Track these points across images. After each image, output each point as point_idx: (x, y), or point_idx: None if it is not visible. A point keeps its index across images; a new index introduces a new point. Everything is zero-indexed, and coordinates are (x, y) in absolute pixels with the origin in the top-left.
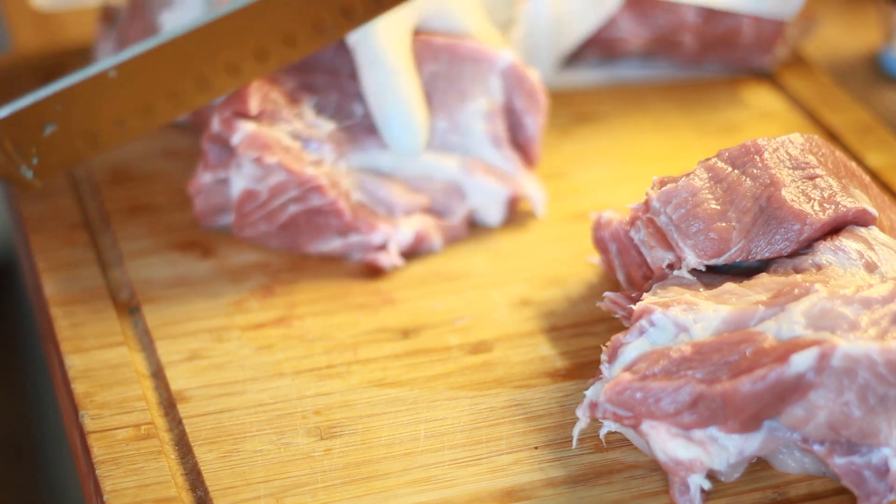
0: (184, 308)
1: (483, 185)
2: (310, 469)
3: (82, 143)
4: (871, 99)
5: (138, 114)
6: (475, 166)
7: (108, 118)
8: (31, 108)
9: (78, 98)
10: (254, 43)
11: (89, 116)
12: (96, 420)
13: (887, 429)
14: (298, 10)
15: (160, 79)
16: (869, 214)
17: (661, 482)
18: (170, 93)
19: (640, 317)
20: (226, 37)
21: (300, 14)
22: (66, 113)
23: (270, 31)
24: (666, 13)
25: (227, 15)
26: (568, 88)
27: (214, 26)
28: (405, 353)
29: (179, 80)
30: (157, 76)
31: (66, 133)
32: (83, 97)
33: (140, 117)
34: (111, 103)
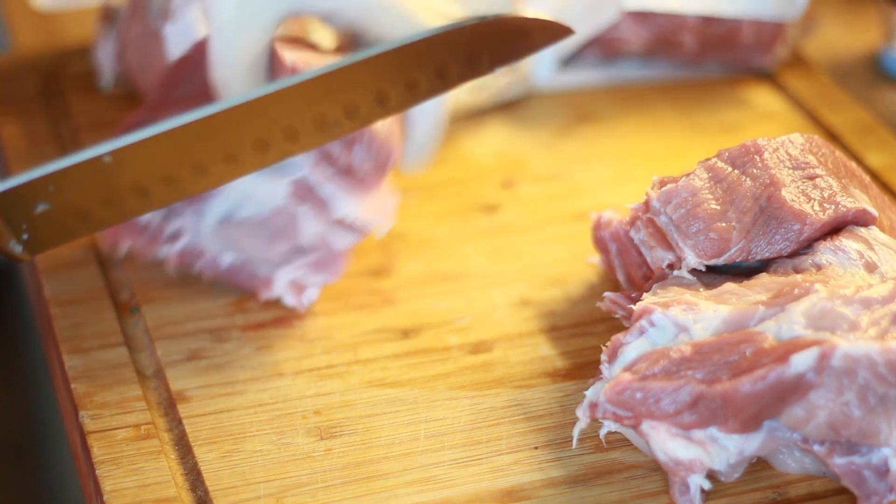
0: (184, 308)
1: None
2: (310, 469)
3: (74, 223)
4: (871, 99)
5: (133, 197)
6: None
7: (101, 200)
8: (24, 186)
9: (71, 180)
10: (254, 136)
11: (82, 198)
12: (96, 420)
13: (887, 429)
14: (301, 106)
15: (156, 165)
16: (869, 214)
17: (661, 482)
18: (165, 178)
19: (640, 317)
20: (225, 128)
21: (303, 111)
22: (58, 193)
23: (271, 125)
24: (666, 14)
25: (229, 107)
26: (568, 88)
27: (215, 118)
28: (405, 353)
29: (176, 167)
30: (152, 162)
31: (58, 212)
32: (76, 179)
33: (135, 200)
34: (105, 186)
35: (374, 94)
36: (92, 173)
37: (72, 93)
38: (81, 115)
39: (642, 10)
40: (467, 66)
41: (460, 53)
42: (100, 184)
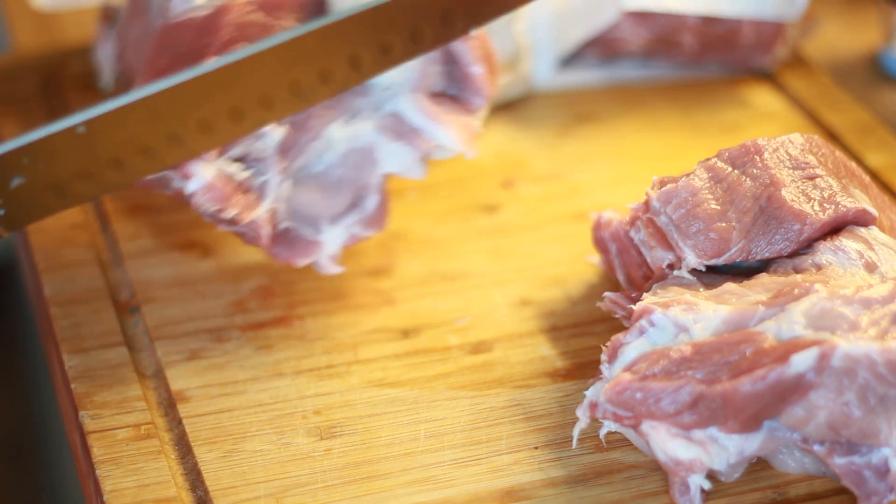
0: (184, 308)
1: (394, 148)
2: (310, 469)
3: (51, 197)
4: (871, 99)
5: (108, 168)
6: (386, 128)
7: (77, 173)
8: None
9: (45, 152)
10: (228, 103)
11: (57, 170)
12: (96, 420)
13: (887, 429)
14: (275, 73)
15: (130, 135)
16: (869, 214)
17: (661, 482)
18: (141, 149)
19: (640, 317)
20: (199, 95)
21: (277, 77)
22: (32, 166)
23: (246, 92)
24: (666, 14)
25: (201, 74)
26: (568, 88)
27: (188, 84)
28: (405, 353)
29: (151, 136)
30: (127, 132)
31: (33, 186)
32: (51, 151)
33: (110, 172)
34: (80, 158)
35: (348, 59)
36: (66, 144)
37: (72, 93)
38: None
39: (642, 10)
40: (442, 28)
41: (434, 14)
42: (75, 155)
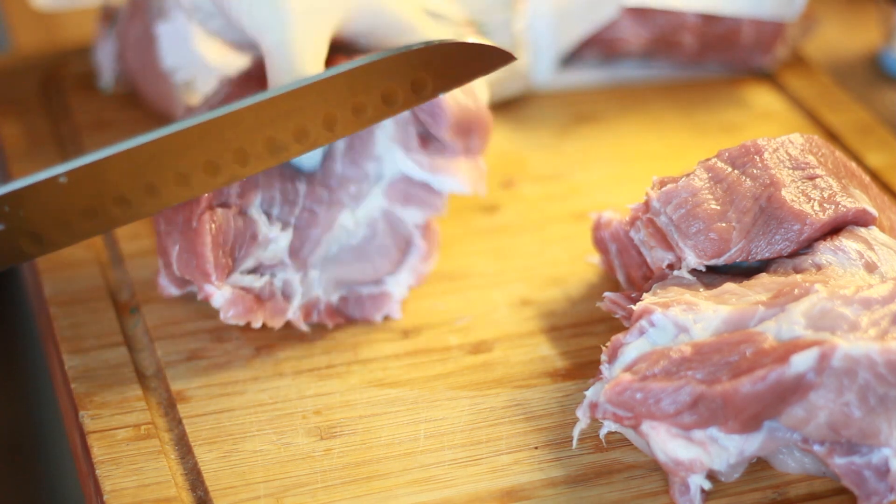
0: (184, 308)
1: (411, 210)
2: (310, 469)
3: (28, 244)
4: (871, 99)
5: (84, 219)
6: (396, 196)
7: (55, 222)
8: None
9: (27, 200)
10: (205, 157)
11: (36, 219)
12: (96, 420)
13: (887, 429)
14: (252, 129)
15: (108, 186)
16: (869, 214)
17: (661, 482)
18: (118, 199)
19: (640, 317)
20: (178, 149)
21: (253, 133)
22: (13, 213)
23: (222, 147)
24: (666, 13)
25: (180, 130)
26: (568, 88)
27: (167, 139)
28: (405, 353)
29: (129, 187)
30: (106, 183)
31: (12, 233)
32: (32, 200)
33: (86, 222)
34: (58, 207)
35: (322, 118)
36: (47, 194)
37: (72, 93)
38: (81, 115)
39: (641, 7)
40: (412, 92)
41: (406, 78)
42: (54, 204)
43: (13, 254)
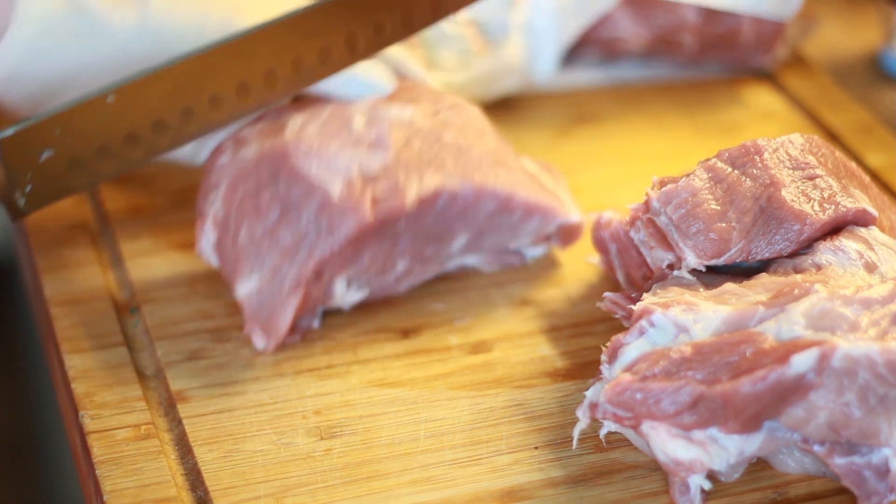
0: (184, 308)
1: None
2: (310, 469)
3: (74, 174)
4: (871, 99)
5: (126, 145)
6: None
7: (99, 148)
8: (32, 129)
9: (76, 121)
10: (237, 79)
11: (83, 143)
12: (96, 420)
13: (887, 429)
14: (280, 49)
15: (149, 108)
16: (869, 214)
17: (661, 482)
18: (157, 123)
19: (640, 317)
20: (212, 70)
21: (281, 54)
22: (63, 137)
23: (253, 68)
24: (666, 13)
25: (216, 48)
26: (568, 88)
27: (203, 59)
28: (405, 353)
29: (167, 110)
30: (147, 105)
31: (60, 161)
32: (81, 121)
33: (128, 148)
34: (104, 130)
35: (345, 38)
36: (94, 116)
37: None
38: None
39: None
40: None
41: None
42: (100, 128)
43: (62, 185)
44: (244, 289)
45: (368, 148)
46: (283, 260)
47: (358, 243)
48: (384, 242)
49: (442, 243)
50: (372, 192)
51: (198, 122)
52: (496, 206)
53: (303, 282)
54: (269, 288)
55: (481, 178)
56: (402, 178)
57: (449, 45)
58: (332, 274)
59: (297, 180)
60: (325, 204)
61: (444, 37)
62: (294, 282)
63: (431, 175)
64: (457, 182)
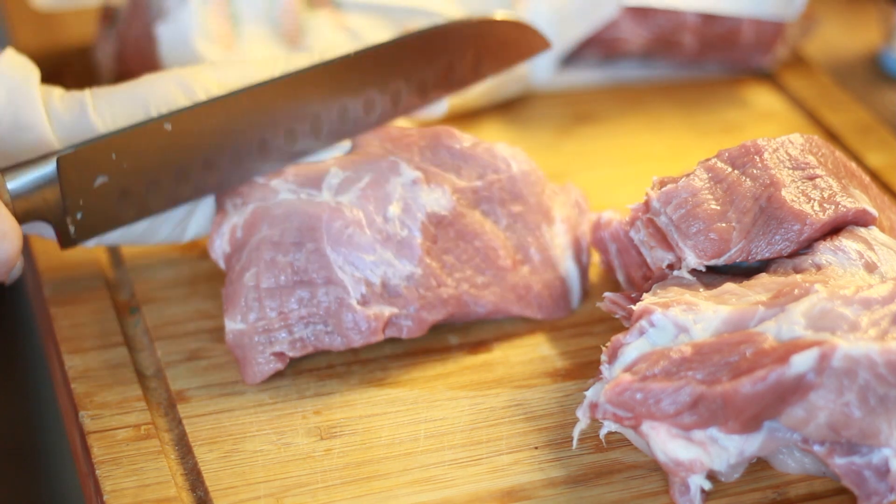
0: (184, 308)
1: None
2: (310, 469)
3: (124, 206)
4: (871, 99)
5: (178, 181)
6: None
7: (151, 182)
8: (91, 150)
9: (133, 148)
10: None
11: (137, 172)
12: (96, 420)
13: (888, 429)
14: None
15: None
16: (869, 214)
17: (661, 482)
18: (205, 162)
19: (640, 317)
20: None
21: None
22: (118, 164)
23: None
24: (666, 13)
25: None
26: (568, 88)
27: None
28: (405, 353)
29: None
30: (199, 139)
31: (112, 189)
32: (137, 148)
33: (179, 185)
34: (158, 163)
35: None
36: (151, 142)
37: None
38: None
39: (640, 6)
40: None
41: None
42: (155, 156)
43: (108, 216)
44: (232, 325)
45: (397, 248)
46: (280, 326)
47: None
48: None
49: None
50: (389, 310)
51: (245, 165)
52: (502, 314)
53: (288, 355)
54: (255, 340)
55: (497, 298)
56: (421, 302)
57: None
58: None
59: (321, 265)
60: (343, 305)
61: None
62: (281, 352)
63: (450, 295)
64: (473, 302)
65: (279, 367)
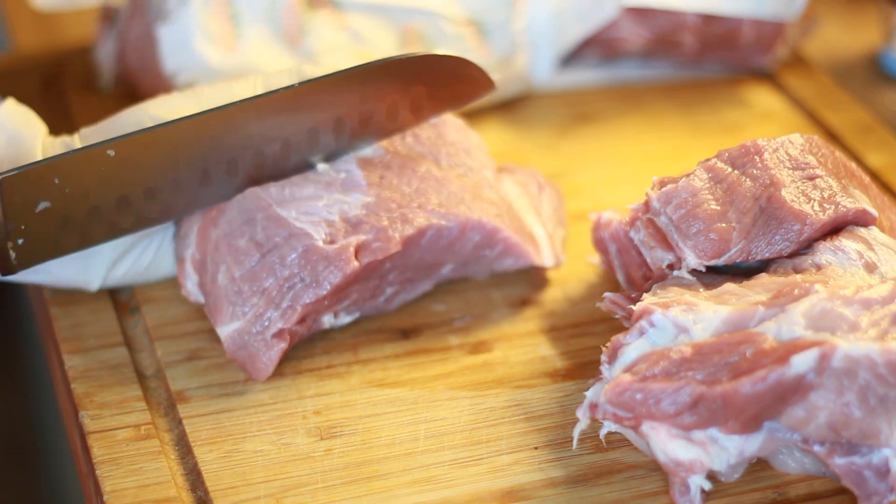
0: (184, 308)
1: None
2: (310, 469)
3: (66, 233)
4: (871, 99)
5: (118, 211)
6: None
7: (92, 210)
8: (34, 172)
9: (76, 172)
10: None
11: (79, 199)
12: (96, 420)
13: (888, 429)
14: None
15: (144, 171)
16: (869, 214)
17: (661, 482)
18: (147, 191)
19: (640, 317)
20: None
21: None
22: (61, 189)
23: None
24: (666, 13)
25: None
26: (568, 88)
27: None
28: (405, 353)
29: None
30: (143, 165)
31: (54, 216)
32: (80, 173)
33: (119, 214)
34: (99, 188)
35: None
36: (94, 168)
37: (72, 93)
38: (81, 115)
39: (641, 7)
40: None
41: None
42: (97, 183)
43: (49, 245)
44: (225, 330)
45: (343, 189)
46: (267, 306)
47: (345, 288)
48: (371, 280)
49: (429, 271)
50: (356, 237)
51: (187, 196)
52: (482, 238)
53: (287, 329)
54: (252, 333)
55: (465, 211)
56: (386, 221)
57: (448, 46)
58: (317, 315)
59: (278, 225)
60: (309, 250)
61: (444, 36)
62: (278, 329)
63: (415, 214)
64: (441, 218)
65: (283, 346)
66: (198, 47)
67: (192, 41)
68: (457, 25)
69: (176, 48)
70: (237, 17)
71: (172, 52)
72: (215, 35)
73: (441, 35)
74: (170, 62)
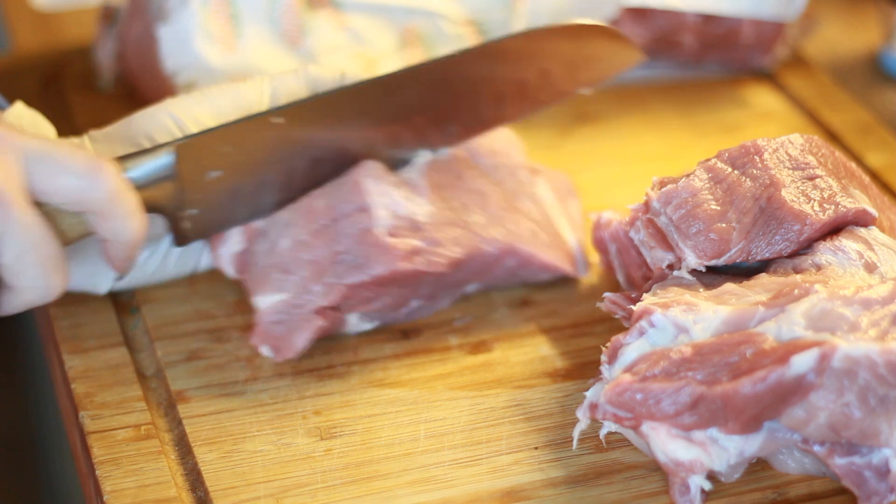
0: (184, 308)
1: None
2: (310, 469)
3: (234, 206)
4: (871, 99)
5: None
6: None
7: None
8: (207, 139)
9: (246, 142)
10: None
11: (249, 169)
12: (96, 420)
13: (888, 429)
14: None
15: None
16: (869, 214)
17: (661, 482)
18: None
19: (639, 317)
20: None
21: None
22: (232, 157)
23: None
24: (666, 13)
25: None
26: None
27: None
28: (405, 353)
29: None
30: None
31: (224, 185)
32: (250, 142)
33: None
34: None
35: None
36: (263, 137)
37: (72, 93)
38: (81, 115)
39: (641, 7)
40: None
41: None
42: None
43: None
44: (267, 301)
45: (409, 189)
46: (312, 278)
47: (384, 285)
48: (405, 287)
49: (456, 289)
50: (413, 241)
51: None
52: (517, 263)
53: (326, 308)
54: (293, 304)
55: (505, 235)
56: (440, 236)
57: (448, 45)
58: (349, 309)
59: (356, 191)
60: (369, 233)
61: (444, 36)
62: (318, 307)
63: (464, 236)
64: (485, 243)
65: (321, 324)
66: (198, 47)
67: (192, 41)
68: (457, 25)
69: (176, 48)
70: (237, 17)
71: (172, 51)
72: (215, 35)
73: (441, 35)
74: (170, 62)
